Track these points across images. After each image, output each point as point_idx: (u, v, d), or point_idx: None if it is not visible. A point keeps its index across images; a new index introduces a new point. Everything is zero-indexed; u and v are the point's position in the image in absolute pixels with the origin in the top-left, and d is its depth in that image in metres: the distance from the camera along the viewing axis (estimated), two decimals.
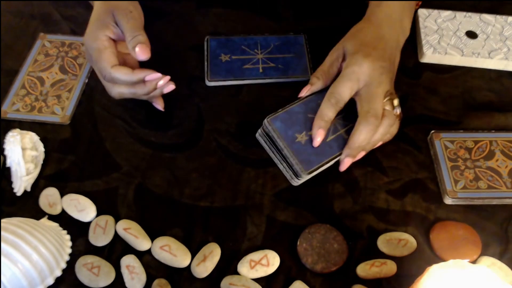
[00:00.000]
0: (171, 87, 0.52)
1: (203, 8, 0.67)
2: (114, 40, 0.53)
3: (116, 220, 0.49)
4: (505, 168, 0.52)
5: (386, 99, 0.50)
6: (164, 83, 0.51)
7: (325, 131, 0.50)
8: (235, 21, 0.66)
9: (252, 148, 0.54)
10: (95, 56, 0.51)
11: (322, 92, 0.52)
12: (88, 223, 0.49)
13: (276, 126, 0.50)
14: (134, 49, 0.50)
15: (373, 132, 0.49)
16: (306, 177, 0.50)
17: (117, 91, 0.52)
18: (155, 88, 0.51)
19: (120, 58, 0.53)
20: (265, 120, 0.50)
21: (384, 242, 0.47)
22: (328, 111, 0.50)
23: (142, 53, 0.50)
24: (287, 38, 0.63)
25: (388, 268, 0.46)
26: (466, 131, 0.55)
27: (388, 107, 0.50)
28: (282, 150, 0.50)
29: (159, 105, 0.55)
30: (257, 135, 0.53)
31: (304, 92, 0.53)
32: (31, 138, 0.52)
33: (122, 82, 0.51)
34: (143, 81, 0.51)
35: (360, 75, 0.49)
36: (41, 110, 0.57)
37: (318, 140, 0.50)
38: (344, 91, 0.49)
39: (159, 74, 0.51)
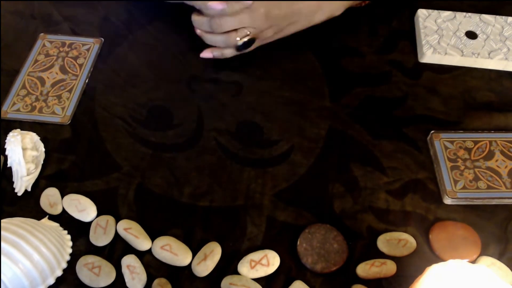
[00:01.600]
0: None
1: None
2: None
3: (117, 220, 0.49)
4: (505, 168, 0.52)
5: None
6: None
7: None
8: None
9: (252, 148, 0.54)
10: None
11: None
12: (89, 223, 0.49)
13: None
14: None
15: None
16: None
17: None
18: None
19: None
20: None
21: (384, 242, 0.48)
22: None
23: None
24: None
25: (388, 268, 0.46)
26: (466, 131, 0.55)
27: None
28: None
29: None
30: None
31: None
32: (32, 138, 0.52)
33: None
34: None
35: None
36: (41, 110, 0.57)
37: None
38: None
39: None
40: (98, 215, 0.49)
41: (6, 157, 0.51)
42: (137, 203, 0.51)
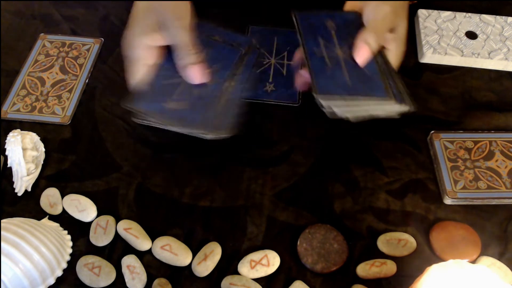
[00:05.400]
0: None
1: (203, 8, 0.67)
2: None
3: (117, 220, 0.49)
4: (505, 168, 0.52)
5: None
6: None
7: None
8: (235, 21, 0.66)
9: (252, 148, 0.54)
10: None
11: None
12: (89, 223, 0.49)
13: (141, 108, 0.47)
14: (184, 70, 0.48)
15: None
16: None
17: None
18: None
19: None
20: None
21: (384, 242, 0.48)
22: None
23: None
24: None
25: (388, 268, 0.46)
26: (466, 132, 0.55)
27: None
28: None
29: None
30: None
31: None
32: (32, 138, 0.52)
33: None
34: None
35: None
36: (41, 110, 0.57)
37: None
38: None
39: None
40: (98, 215, 0.49)
41: (6, 157, 0.51)
42: (137, 203, 0.51)
